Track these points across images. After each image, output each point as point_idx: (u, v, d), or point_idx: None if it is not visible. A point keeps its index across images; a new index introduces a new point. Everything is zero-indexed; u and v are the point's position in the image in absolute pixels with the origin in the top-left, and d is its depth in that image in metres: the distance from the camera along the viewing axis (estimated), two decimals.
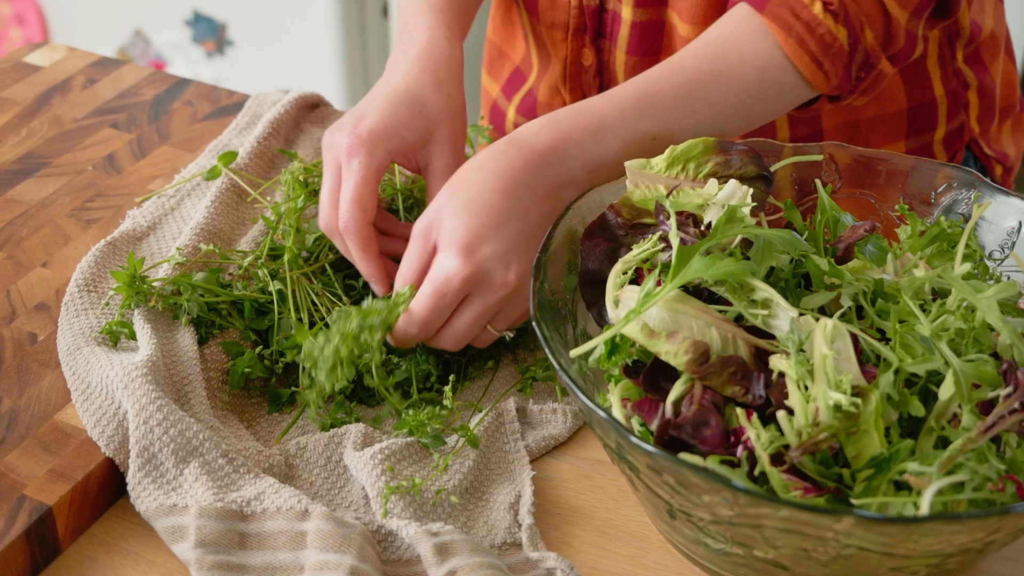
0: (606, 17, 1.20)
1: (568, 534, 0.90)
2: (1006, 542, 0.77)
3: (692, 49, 1.02)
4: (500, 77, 1.38)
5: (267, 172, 1.20)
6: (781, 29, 1.00)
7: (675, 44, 1.17)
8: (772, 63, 1.01)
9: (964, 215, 0.95)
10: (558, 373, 0.80)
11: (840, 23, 1.00)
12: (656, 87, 0.99)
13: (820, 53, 1.00)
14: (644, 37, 1.18)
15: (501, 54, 1.37)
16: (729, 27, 1.02)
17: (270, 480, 0.89)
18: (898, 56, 1.04)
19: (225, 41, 2.69)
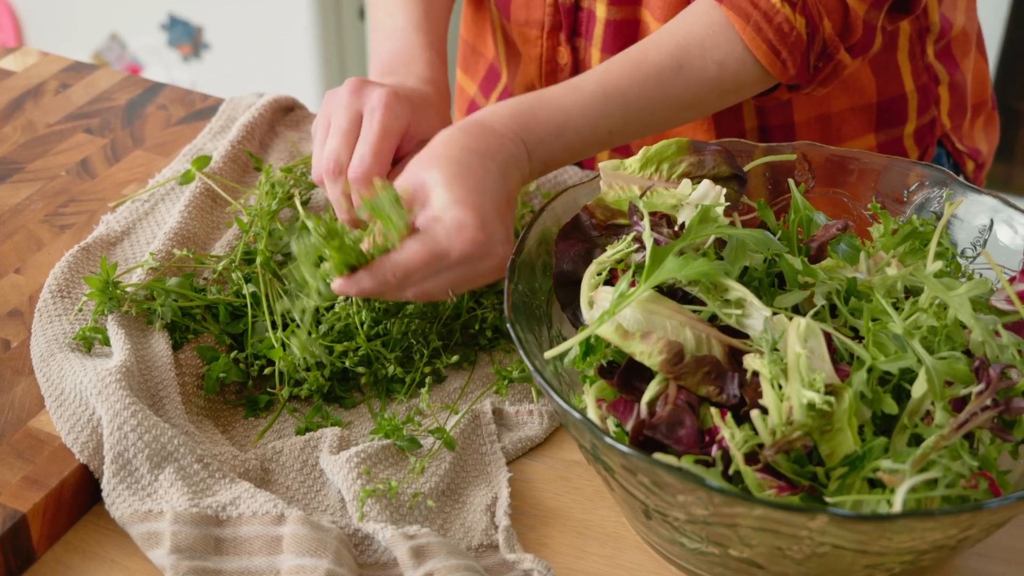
0: (581, 15, 1.20)
1: (545, 535, 0.90)
2: (979, 538, 0.77)
3: (655, 40, 1.03)
4: (476, 75, 1.38)
5: (241, 176, 1.20)
6: (739, 18, 1.01)
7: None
8: (731, 56, 1.03)
9: (936, 213, 0.95)
10: (533, 375, 0.80)
11: (798, 12, 1.01)
12: (618, 83, 1.01)
13: (778, 42, 1.01)
14: (618, 35, 1.18)
15: (475, 52, 1.37)
16: (691, 19, 1.04)
17: (246, 485, 0.88)
18: (856, 47, 1.05)
19: (201, 44, 2.69)
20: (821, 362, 0.80)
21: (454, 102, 1.44)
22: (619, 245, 0.88)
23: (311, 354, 0.96)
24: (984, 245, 0.93)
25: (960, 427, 0.77)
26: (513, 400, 0.99)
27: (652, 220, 0.86)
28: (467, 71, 1.40)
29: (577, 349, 0.84)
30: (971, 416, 0.77)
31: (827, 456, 0.78)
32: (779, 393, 0.78)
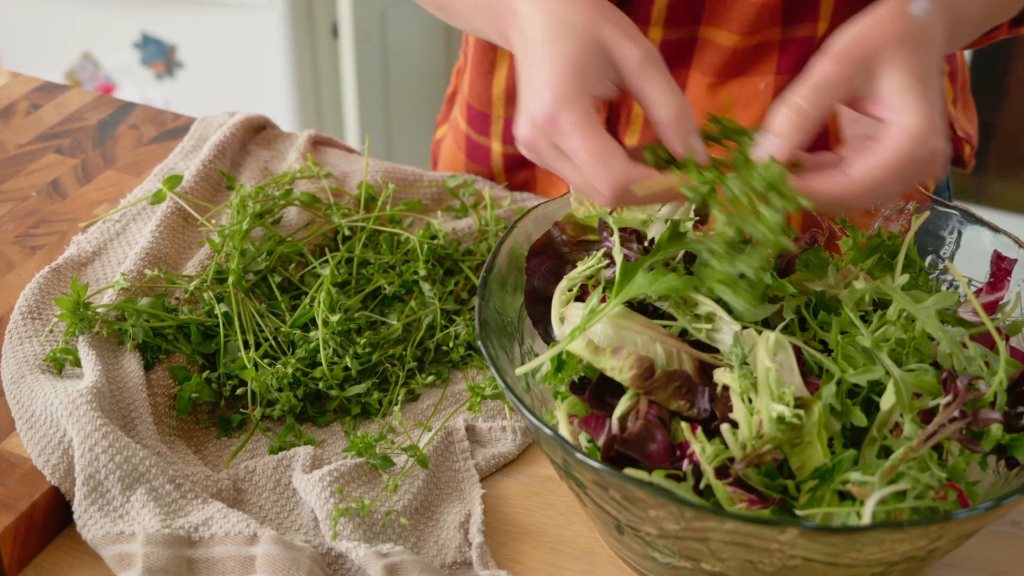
0: None
1: (519, 551, 0.90)
2: (949, 549, 0.77)
3: None
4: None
5: (213, 195, 1.20)
6: None
7: (710, 57, 1.16)
8: None
9: (904, 226, 0.96)
10: (504, 391, 0.80)
11: None
12: None
13: None
14: (674, 55, 1.16)
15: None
16: None
17: (218, 505, 0.88)
18: None
19: (175, 63, 2.68)
20: (791, 375, 0.80)
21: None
22: (589, 261, 0.88)
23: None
24: (951, 257, 0.94)
25: (928, 439, 0.77)
26: (486, 417, 0.99)
27: (622, 236, 0.87)
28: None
29: (548, 365, 0.85)
30: (939, 428, 0.77)
31: (797, 469, 0.78)
32: (749, 407, 0.78)
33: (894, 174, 0.80)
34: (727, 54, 1.15)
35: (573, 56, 0.81)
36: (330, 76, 2.65)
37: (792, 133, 0.80)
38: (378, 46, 2.66)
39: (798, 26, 1.14)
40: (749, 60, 1.16)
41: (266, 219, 1.11)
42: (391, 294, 1.08)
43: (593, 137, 0.79)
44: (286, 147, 1.27)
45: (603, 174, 0.79)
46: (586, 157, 0.79)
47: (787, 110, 0.81)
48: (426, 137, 2.96)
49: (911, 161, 0.79)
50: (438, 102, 2.95)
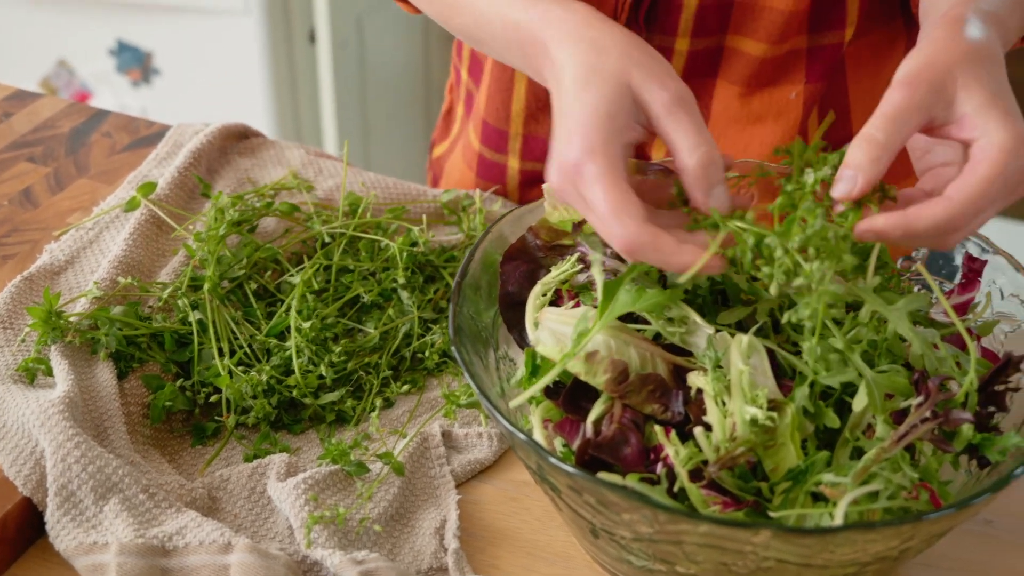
0: None
1: (495, 556, 0.90)
2: (921, 549, 0.78)
3: None
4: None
5: (188, 203, 1.19)
6: None
7: (738, 66, 1.15)
8: None
9: None
10: (479, 397, 0.80)
11: None
12: None
13: None
14: (701, 64, 1.16)
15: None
16: None
17: (192, 514, 0.88)
18: None
19: (151, 70, 2.68)
20: (764, 378, 0.80)
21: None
22: (563, 266, 0.88)
23: None
24: (923, 259, 0.94)
25: (900, 439, 0.77)
26: (462, 423, 0.99)
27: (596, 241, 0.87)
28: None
29: (523, 370, 0.85)
30: (911, 428, 0.78)
31: (771, 471, 0.78)
32: (723, 410, 0.78)
33: (994, 190, 0.77)
34: (755, 63, 1.14)
35: (602, 105, 0.80)
36: (307, 83, 2.64)
37: (870, 166, 0.78)
38: (355, 52, 2.66)
39: (825, 33, 1.14)
40: (778, 69, 1.16)
41: (243, 227, 1.11)
42: (369, 302, 1.08)
43: (613, 191, 0.78)
44: (271, 156, 1.27)
45: (618, 230, 0.78)
46: (604, 210, 0.78)
47: (863, 143, 0.78)
48: (404, 143, 2.97)
49: (1009, 174, 0.77)
50: (416, 108, 2.96)
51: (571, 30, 0.84)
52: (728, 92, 1.17)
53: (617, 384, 0.80)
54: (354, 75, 2.68)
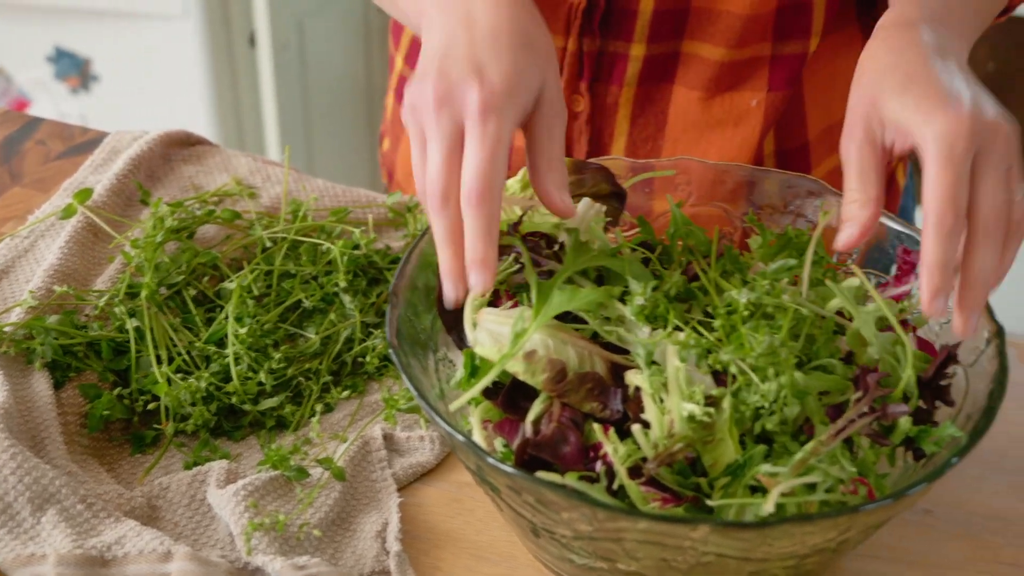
0: (605, 60, 1.16)
1: (438, 558, 0.89)
2: (860, 540, 0.78)
3: None
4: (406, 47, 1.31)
5: (125, 210, 1.18)
6: None
7: (696, 71, 1.16)
8: None
9: (813, 222, 0.97)
10: (417, 399, 0.80)
11: None
12: None
13: None
14: (657, 69, 1.16)
15: None
16: None
17: (131, 523, 0.87)
18: None
19: (90, 76, 2.65)
20: (701, 375, 0.81)
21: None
22: (500, 266, 0.88)
23: None
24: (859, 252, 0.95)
25: (838, 434, 0.78)
26: (404, 426, 0.99)
27: (531, 242, 0.87)
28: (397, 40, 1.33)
29: (463, 371, 0.85)
30: (848, 423, 0.78)
31: (710, 466, 0.79)
32: (661, 407, 0.79)
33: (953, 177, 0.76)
34: (715, 67, 1.15)
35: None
36: (248, 86, 2.63)
37: (868, 220, 0.80)
38: (296, 55, 2.65)
39: (789, 41, 1.14)
40: (739, 75, 1.16)
41: (182, 233, 1.10)
42: (311, 306, 1.07)
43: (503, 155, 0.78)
44: (217, 163, 1.26)
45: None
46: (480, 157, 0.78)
47: (853, 206, 0.80)
48: (348, 145, 2.95)
49: (958, 158, 0.77)
50: (359, 109, 2.94)
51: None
52: (686, 97, 1.17)
53: (555, 383, 0.80)
54: (295, 78, 2.67)
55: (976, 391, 0.82)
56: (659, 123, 1.18)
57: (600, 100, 1.18)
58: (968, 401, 0.83)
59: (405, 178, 1.37)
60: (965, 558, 0.91)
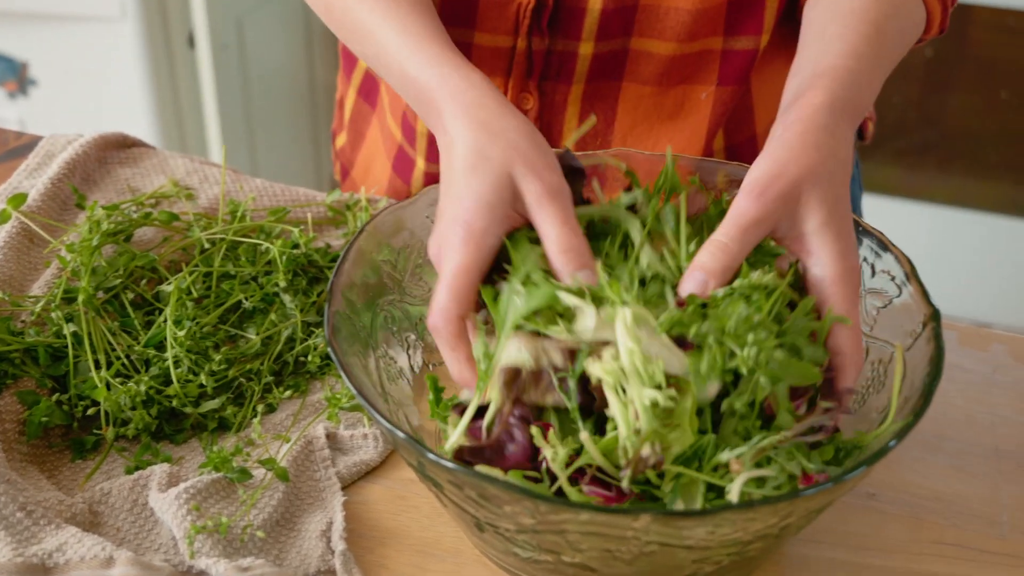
0: (553, 58, 1.15)
1: (384, 556, 0.89)
2: (802, 525, 0.79)
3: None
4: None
5: (61, 214, 1.17)
6: None
7: (646, 66, 1.16)
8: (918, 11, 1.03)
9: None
10: (358, 398, 0.80)
11: None
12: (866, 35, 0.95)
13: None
14: (606, 67, 1.16)
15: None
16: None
17: (72, 530, 0.86)
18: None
19: (27, 80, 2.62)
20: (661, 348, 0.79)
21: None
22: None
23: None
24: None
25: (800, 435, 0.79)
26: (347, 424, 0.98)
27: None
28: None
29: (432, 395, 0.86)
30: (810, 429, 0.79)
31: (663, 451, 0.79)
32: (623, 399, 0.78)
33: (856, 321, 0.82)
34: (664, 62, 1.15)
35: (486, 194, 0.84)
36: (189, 87, 2.61)
37: (721, 275, 0.82)
38: (236, 55, 2.63)
39: (739, 37, 1.15)
40: (689, 68, 1.16)
41: (119, 237, 1.09)
42: (251, 307, 1.06)
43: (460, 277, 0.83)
44: (153, 165, 1.25)
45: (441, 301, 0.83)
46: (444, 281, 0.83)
47: (715, 250, 0.82)
48: (291, 145, 2.94)
49: (840, 300, 0.82)
50: (302, 109, 2.93)
51: (467, 107, 0.88)
52: (637, 93, 1.17)
53: (511, 387, 0.80)
54: (236, 78, 2.65)
55: (913, 374, 0.83)
56: (608, 120, 1.18)
57: (549, 98, 1.19)
58: (906, 384, 0.84)
59: (363, 176, 1.37)
60: (908, 539, 0.92)
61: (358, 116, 1.38)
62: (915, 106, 2.83)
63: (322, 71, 2.93)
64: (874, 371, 0.88)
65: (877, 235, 0.92)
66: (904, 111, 2.83)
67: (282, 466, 0.92)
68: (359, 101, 1.36)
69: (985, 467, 0.99)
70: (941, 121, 2.85)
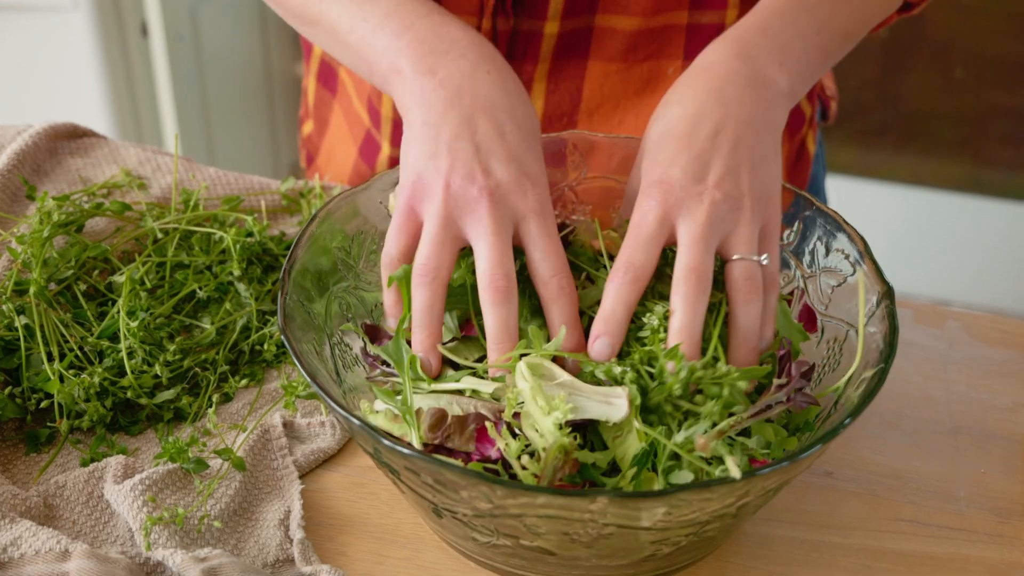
0: (519, 38, 1.15)
1: (343, 544, 0.89)
2: (760, 504, 0.79)
3: None
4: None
5: (11, 205, 1.15)
6: None
7: (611, 43, 1.16)
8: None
9: None
10: (312, 386, 0.79)
11: None
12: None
13: None
14: (571, 45, 1.16)
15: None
16: None
17: (27, 523, 0.85)
18: None
19: None
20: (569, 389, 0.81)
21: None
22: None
23: None
24: None
25: (756, 415, 0.79)
26: (304, 413, 0.98)
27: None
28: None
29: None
30: (765, 407, 0.79)
31: (621, 460, 0.79)
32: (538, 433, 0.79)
33: (634, 236, 0.83)
34: (629, 37, 1.15)
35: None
36: (143, 79, 2.58)
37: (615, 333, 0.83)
38: (191, 45, 2.61)
39: (705, 11, 1.14)
40: (655, 44, 1.16)
41: (71, 227, 1.08)
42: (206, 297, 1.05)
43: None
44: (104, 154, 1.23)
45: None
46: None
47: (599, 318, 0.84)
48: (249, 135, 2.92)
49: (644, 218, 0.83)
50: (259, 99, 2.91)
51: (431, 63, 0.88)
52: (603, 70, 1.17)
53: (437, 430, 0.80)
54: (192, 68, 2.63)
55: (868, 352, 0.83)
56: (574, 99, 1.18)
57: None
58: (860, 362, 0.84)
59: (326, 162, 1.36)
60: (866, 517, 0.92)
61: (320, 103, 1.37)
62: (873, 87, 2.84)
63: (279, 59, 2.91)
64: (830, 350, 0.89)
65: (832, 214, 0.92)
66: (862, 92, 2.84)
67: (239, 456, 0.91)
68: (319, 88, 1.36)
69: (942, 444, 0.99)
70: (898, 101, 2.86)
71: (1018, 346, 1.09)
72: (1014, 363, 1.07)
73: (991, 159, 2.87)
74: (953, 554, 0.89)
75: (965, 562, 0.89)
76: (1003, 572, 0.88)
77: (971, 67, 2.76)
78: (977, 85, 2.77)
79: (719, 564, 0.88)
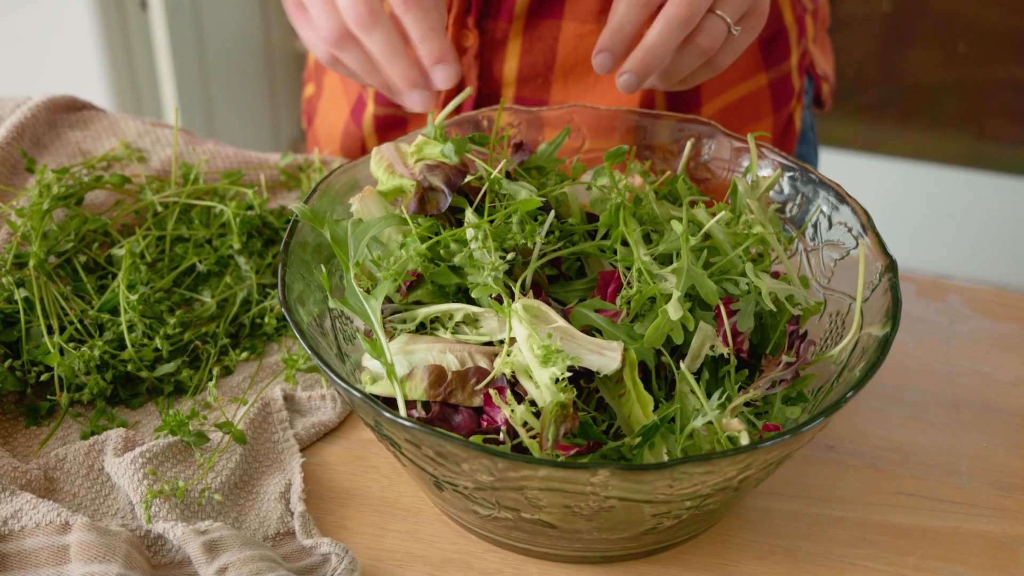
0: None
1: (344, 517, 0.89)
2: (761, 478, 0.79)
3: None
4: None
5: (10, 178, 1.15)
6: None
7: (581, 3, 1.16)
8: None
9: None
10: (313, 359, 0.79)
11: None
12: None
13: None
14: (544, 1, 1.16)
15: None
16: None
17: (27, 496, 0.85)
18: None
19: None
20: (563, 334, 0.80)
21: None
22: None
23: None
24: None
25: (767, 389, 0.79)
26: (305, 386, 0.98)
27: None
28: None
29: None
30: (774, 383, 0.79)
31: (628, 417, 0.79)
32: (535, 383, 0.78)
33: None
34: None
35: None
36: (143, 52, 2.57)
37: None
38: (191, 17, 2.60)
39: None
40: None
41: (70, 200, 1.07)
42: (206, 270, 1.05)
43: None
44: (104, 127, 1.23)
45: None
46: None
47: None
48: (249, 108, 2.91)
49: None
50: (259, 72, 2.90)
51: None
52: (577, 31, 1.17)
53: (437, 387, 0.80)
54: (191, 41, 2.62)
55: (870, 325, 0.83)
56: (548, 61, 1.18)
57: (489, 35, 1.19)
58: (863, 335, 0.84)
59: (322, 123, 1.36)
60: (867, 490, 0.92)
61: (319, 65, 1.38)
62: (874, 61, 2.83)
63: (279, 32, 2.90)
64: (832, 323, 0.88)
65: (834, 187, 0.91)
66: (863, 66, 2.83)
67: (239, 429, 0.91)
68: None
69: (944, 417, 0.99)
70: (900, 75, 2.85)
71: (1020, 320, 1.09)
72: (1016, 337, 1.07)
73: (993, 134, 2.86)
74: (954, 528, 0.89)
75: (967, 535, 0.89)
76: (1004, 545, 0.88)
77: (973, 41, 2.75)
78: (979, 59, 2.76)
79: (720, 537, 0.88)
